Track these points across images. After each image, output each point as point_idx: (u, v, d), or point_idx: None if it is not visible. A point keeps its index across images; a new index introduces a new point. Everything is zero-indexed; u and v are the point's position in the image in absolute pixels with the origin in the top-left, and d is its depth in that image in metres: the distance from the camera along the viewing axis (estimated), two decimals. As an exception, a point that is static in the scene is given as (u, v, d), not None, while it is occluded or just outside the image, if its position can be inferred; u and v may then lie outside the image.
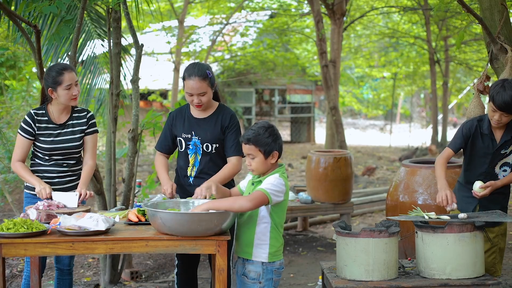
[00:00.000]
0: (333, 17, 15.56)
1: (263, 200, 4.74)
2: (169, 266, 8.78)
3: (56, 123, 5.87)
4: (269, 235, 4.89)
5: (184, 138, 5.81)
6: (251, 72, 25.97)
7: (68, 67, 5.76)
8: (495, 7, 6.63)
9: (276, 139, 4.86)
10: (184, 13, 22.52)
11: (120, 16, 7.47)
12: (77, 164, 6.02)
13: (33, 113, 5.85)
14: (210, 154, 5.75)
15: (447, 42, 23.75)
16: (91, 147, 5.99)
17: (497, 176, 5.85)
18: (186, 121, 5.84)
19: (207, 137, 5.73)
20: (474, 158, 5.89)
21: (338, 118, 15.03)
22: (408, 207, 7.12)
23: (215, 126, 5.76)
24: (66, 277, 6.16)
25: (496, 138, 5.77)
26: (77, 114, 5.97)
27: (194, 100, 5.63)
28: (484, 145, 5.80)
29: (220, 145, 5.75)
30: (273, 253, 4.90)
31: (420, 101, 43.99)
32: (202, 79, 5.58)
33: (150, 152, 20.23)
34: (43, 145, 5.82)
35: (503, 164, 5.84)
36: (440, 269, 5.39)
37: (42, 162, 5.89)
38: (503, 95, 5.45)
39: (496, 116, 5.58)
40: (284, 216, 4.97)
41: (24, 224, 4.73)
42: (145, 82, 23.41)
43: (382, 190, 14.77)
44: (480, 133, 5.80)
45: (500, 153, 5.80)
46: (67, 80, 5.68)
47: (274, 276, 4.93)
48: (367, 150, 27.06)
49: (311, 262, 8.98)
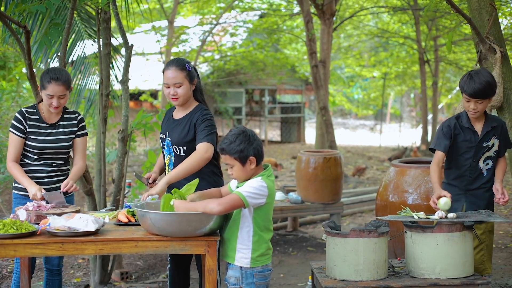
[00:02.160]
0: (322, 17, 15.55)
1: (236, 203, 4.65)
2: (159, 266, 8.77)
3: (47, 122, 5.90)
4: (251, 239, 4.79)
5: (161, 138, 5.83)
6: (241, 72, 25.98)
7: (59, 79, 5.70)
8: (484, 7, 6.66)
9: (250, 144, 4.73)
10: (174, 13, 22.51)
11: (110, 17, 7.46)
12: (65, 164, 6.05)
13: (24, 111, 5.88)
14: (180, 156, 5.65)
15: (437, 42, 23.79)
16: (82, 149, 6.05)
17: (481, 170, 5.91)
18: (166, 121, 5.84)
19: (175, 139, 5.66)
20: (457, 154, 5.95)
21: (328, 118, 15.03)
22: (397, 207, 7.13)
23: (184, 127, 5.65)
24: (56, 278, 6.16)
25: (477, 130, 5.86)
26: (68, 116, 6.01)
27: (171, 92, 5.59)
28: (466, 138, 5.88)
29: (188, 148, 5.60)
30: (255, 258, 4.80)
31: (410, 101, 44.05)
32: (180, 69, 5.56)
33: (140, 153, 20.23)
34: (33, 144, 5.83)
35: (486, 158, 5.90)
36: (429, 268, 5.41)
37: (31, 161, 5.89)
38: (472, 83, 5.64)
39: (472, 105, 5.71)
40: (269, 219, 4.86)
41: (14, 225, 4.73)
42: (135, 83, 23.40)
43: (372, 190, 14.80)
44: (460, 127, 5.89)
45: (483, 145, 5.87)
46: (50, 90, 5.69)
47: (256, 280, 4.82)
48: (357, 150, 27.11)
49: (301, 262, 8.99)
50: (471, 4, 6.77)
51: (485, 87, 5.63)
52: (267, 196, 4.73)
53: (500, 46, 6.63)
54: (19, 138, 5.82)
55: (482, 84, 5.62)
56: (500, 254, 9.00)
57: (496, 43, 6.62)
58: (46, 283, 6.17)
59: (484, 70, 5.81)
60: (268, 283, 4.93)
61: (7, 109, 13.21)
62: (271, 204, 4.85)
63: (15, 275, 5.97)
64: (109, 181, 11.42)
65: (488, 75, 5.70)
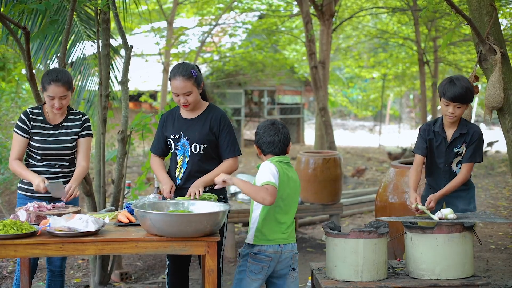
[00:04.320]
0: (322, 18, 15.55)
1: (274, 191, 4.98)
2: (159, 267, 8.77)
3: (51, 123, 5.90)
4: (258, 219, 5.14)
5: (173, 139, 5.79)
6: (240, 73, 25.97)
7: (59, 80, 5.71)
8: (484, 7, 6.65)
9: (256, 136, 5.36)
10: (173, 14, 22.49)
11: (109, 18, 7.46)
12: (70, 166, 6.02)
13: (29, 111, 5.90)
14: (198, 155, 5.69)
15: (436, 43, 23.78)
16: (85, 149, 6.01)
17: (455, 173, 5.98)
18: (175, 122, 5.82)
19: (196, 137, 5.70)
20: (433, 158, 6.06)
21: (327, 119, 15.02)
22: (397, 208, 7.15)
23: (203, 126, 5.72)
24: (58, 279, 6.14)
25: (448, 136, 5.96)
26: (72, 116, 6.00)
27: (181, 100, 5.63)
28: (437, 143, 5.99)
29: (208, 145, 5.70)
30: (258, 236, 5.14)
31: (410, 102, 44.07)
32: (187, 78, 5.57)
33: (139, 154, 20.23)
34: (36, 144, 5.83)
35: (459, 162, 5.98)
36: (429, 269, 5.41)
37: (35, 162, 5.90)
38: (453, 88, 5.77)
39: (450, 109, 5.81)
40: (281, 201, 5.15)
41: (14, 226, 4.74)
42: (134, 84, 23.39)
43: (371, 191, 14.80)
44: (434, 132, 6.01)
45: (453, 151, 5.95)
46: (51, 92, 5.69)
47: (249, 259, 5.15)
48: (356, 151, 27.10)
49: (301, 263, 8.97)
50: (471, 5, 6.76)
51: (466, 92, 5.76)
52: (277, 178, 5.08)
53: (500, 47, 6.62)
54: (22, 138, 5.83)
55: (463, 89, 5.75)
56: (500, 255, 9.00)
57: (496, 44, 6.61)
58: (48, 284, 6.15)
59: (463, 76, 5.94)
60: (263, 267, 5.14)
61: (6, 110, 13.21)
62: (282, 186, 5.14)
63: (17, 275, 5.96)
64: (109, 182, 11.40)
65: (467, 82, 5.85)
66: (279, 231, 5.15)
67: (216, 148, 5.76)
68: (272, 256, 5.11)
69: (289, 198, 5.19)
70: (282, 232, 5.14)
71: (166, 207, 5.17)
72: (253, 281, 5.13)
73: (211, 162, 5.75)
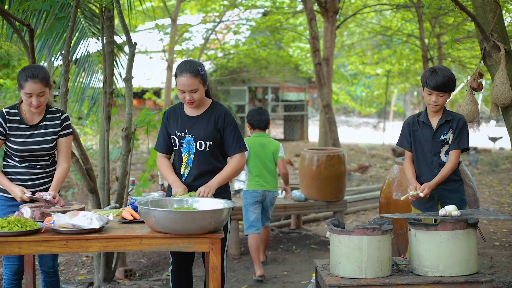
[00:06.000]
0: (326, 15, 15.55)
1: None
2: (163, 264, 8.78)
3: (28, 123, 5.69)
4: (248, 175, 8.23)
5: (178, 136, 5.78)
6: (244, 70, 25.95)
7: (36, 76, 5.51)
8: (488, 4, 6.65)
9: (248, 117, 8.38)
10: (177, 11, 22.48)
11: (113, 15, 7.46)
12: (51, 165, 5.86)
13: (5, 112, 5.68)
14: (204, 152, 5.70)
15: (440, 40, 23.73)
16: (65, 150, 5.83)
17: (444, 163, 6.03)
18: (179, 119, 5.82)
19: (201, 134, 5.70)
20: (419, 150, 6.13)
21: (331, 116, 15.02)
22: (401, 205, 7.14)
23: (208, 123, 5.72)
24: (52, 279, 6.04)
25: (433, 124, 6.05)
26: (51, 115, 5.79)
27: (186, 97, 5.62)
28: (423, 133, 6.09)
29: (213, 142, 5.71)
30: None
31: (414, 99, 43.97)
32: (194, 75, 5.57)
33: (143, 151, 20.23)
34: (14, 146, 5.65)
35: (446, 152, 6.04)
36: (433, 266, 5.41)
37: (14, 163, 5.74)
38: (435, 77, 5.90)
39: (433, 98, 5.94)
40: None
41: (18, 223, 4.74)
42: (138, 81, 23.37)
43: (375, 188, 14.80)
44: (418, 123, 6.13)
45: (440, 139, 6.03)
46: (28, 89, 5.48)
47: (248, 196, 8.28)
48: (360, 148, 27.08)
49: (305, 260, 8.99)
50: (475, 1, 6.75)
51: (448, 81, 5.89)
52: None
53: (504, 44, 6.62)
54: None
55: (445, 78, 5.88)
56: (504, 252, 9.00)
57: (500, 41, 6.60)
58: (44, 285, 6.10)
59: (445, 67, 6.09)
60: (252, 202, 8.26)
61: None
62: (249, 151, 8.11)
63: (5, 277, 5.88)
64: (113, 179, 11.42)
65: (449, 71, 5.99)
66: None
67: (221, 145, 5.77)
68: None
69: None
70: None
71: (170, 204, 5.18)
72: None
73: (216, 159, 5.76)
